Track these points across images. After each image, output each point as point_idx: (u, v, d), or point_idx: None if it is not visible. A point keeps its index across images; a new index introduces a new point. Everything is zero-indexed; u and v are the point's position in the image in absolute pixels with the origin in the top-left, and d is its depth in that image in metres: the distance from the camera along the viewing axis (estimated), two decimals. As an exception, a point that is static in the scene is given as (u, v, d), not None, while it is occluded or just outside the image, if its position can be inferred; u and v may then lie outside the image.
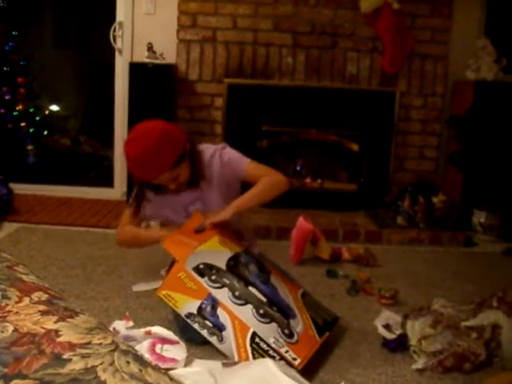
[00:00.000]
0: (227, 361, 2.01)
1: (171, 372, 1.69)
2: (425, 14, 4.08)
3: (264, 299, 2.05)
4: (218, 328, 1.98)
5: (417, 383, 1.97)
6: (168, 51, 3.98)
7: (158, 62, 3.89)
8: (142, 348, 1.96)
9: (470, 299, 2.39)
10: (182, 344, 2.02)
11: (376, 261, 3.20)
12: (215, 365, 1.96)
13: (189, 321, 2.02)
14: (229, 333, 1.96)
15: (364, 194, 4.12)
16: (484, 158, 3.87)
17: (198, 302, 2.01)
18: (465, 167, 3.96)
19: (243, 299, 2.02)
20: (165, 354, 1.96)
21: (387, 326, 2.29)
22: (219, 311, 1.99)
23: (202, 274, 2.05)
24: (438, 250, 3.58)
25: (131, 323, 2.21)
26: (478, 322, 2.13)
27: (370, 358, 2.12)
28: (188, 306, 2.02)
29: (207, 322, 1.99)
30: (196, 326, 2.01)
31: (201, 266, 2.07)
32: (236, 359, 1.93)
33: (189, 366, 1.95)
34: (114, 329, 2.12)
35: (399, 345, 2.17)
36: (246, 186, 2.40)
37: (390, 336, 2.22)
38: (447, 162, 4.18)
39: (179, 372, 1.79)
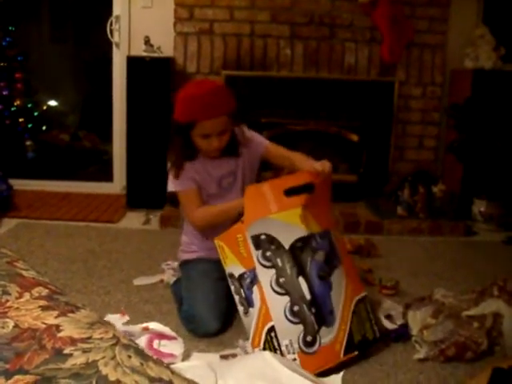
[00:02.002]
0: (224, 353, 2.02)
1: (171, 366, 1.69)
2: (423, 4, 4.06)
3: (308, 297, 1.92)
4: (248, 302, 1.93)
5: (419, 373, 1.97)
6: (165, 44, 3.97)
7: (155, 55, 3.87)
8: (140, 344, 1.96)
9: (471, 288, 2.40)
10: (180, 339, 2.01)
11: (377, 251, 3.20)
12: (213, 358, 1.96)
13: (229, 280, 2.00)
14: (255, 312, 1.91)
15: (364, 185, 4.11)
16: (483, 147, 3.87)
17: (242, 270, 1.95)
18: (464, 156, 3.95)
19: (285, 289, 1.91)
20: (162, 349, 1.95)
21: (389, 317, 2.29)
22: (254, 289, 1.92)
23: (258, 246, 1.94)
24: (438, 239, 3.58)
25: (127, 317, 2.20)
26: (480, 311, 2.13)
27: (371, 348, 2.12)
28: (234, 267, 1.98)
29: (242, 291, 1.95)
30: (232, 288, 1.98)
31: (262, 237, 1.94)
32: (249, 340, 1.92)
33: (187, 360, 1.95)
34: (109, 323, 2.11)
35: (401, 335, 2.17)
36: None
37: (391, 326, 2.22)
38: (447, 151, 4.17)
39: (178, 366, 1.79)
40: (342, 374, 1.89)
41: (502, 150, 3.85)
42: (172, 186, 2.35)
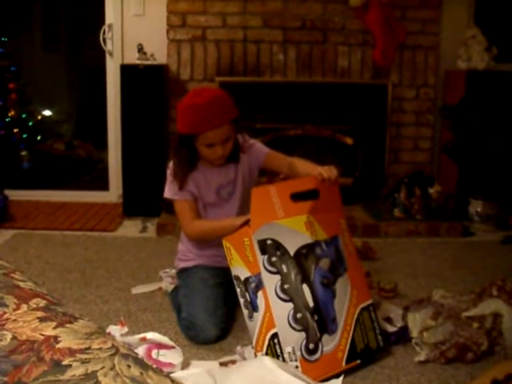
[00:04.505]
0: (224, 360, 2.01)
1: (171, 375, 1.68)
2: (414, 6, 4.07)
3: (311, 304, 1.91)
4: (253, 307, 1.91)
5: (420, 375, 1.96)
6: (159, 52, 3.97)
7: (148, 63, 3.87)
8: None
9: (470, 289, 2.40)
10: (178, 348, 2.00)
11: (374, 254, 3.20)
12: (212, 365, 1.96)
13: (235, 282, 1.98)
14: (259, 317, 1.90)
15: (360, 188, 4.11)
16: (478, 147, 3.87)
17: (248, 273, 1.93)
18: (459, 157, 3.96)
19: (289, 295, 1.89)
20: (161, 359, 1.94)
21: (388, 319, 2.29)
22: (259, 294, 1.90)
23: (263, 251, 1.91)
24: (435, 240, 3.58)
25: (126, 329, 2.19)
26: (479, 312, 2.13)
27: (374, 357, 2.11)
28: (239, 269, 1.96)
29: (247, 295, 1.93)
30: (238, 291, 1.97)
31: (268, 242, 1.92)
32: (253, 343, 1.91)
33: (186, 369, 1.94)
34: (109, 333, 2.10)
35: (401, 337, 2.17)
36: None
37: (391, 329, 2.22)
38: (442, 152, 4.17)
39: (178, 375, 1.78)
40: (341, 378, 1.89)
41: (497, 149, 3.86)
42: (169, 193, 2.35)
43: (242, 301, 1.97)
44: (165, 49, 4.01)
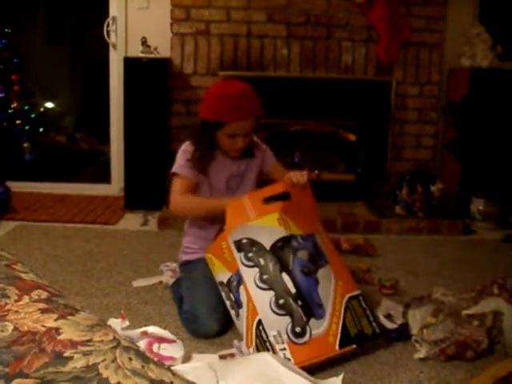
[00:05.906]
0: (223, 353, 2.03)
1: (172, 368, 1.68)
2: (419, 2, 4.06)
3: (293, 290, 1.95)
4: (238, 304, 1.98)
5: (419, 372, 1.96)
6: (162, 45, 3.96)
7: (152, 56, 3.87)
8: (139, 348, 1.94)
9: (471, 287, 2.39)
10: (179, 342, 2.00)
11: (375, 251, 3.20)
12: (213, 359, 1.96)
13: (219, 288, 2.06)
14: (243, 312, 1.96)
15: (362, 184, 4.11)
16: (481, 146, 3.86)
17: (229, 274, 2.02)
18: (462, 155, 3.95)
19: (268, 284, 1.95)
20: (162, 352, 1.94)
21: (388, 316, 2.28)
22: (241, 289, 1.97)
23: (240, 249, 2.01)
24: (437, 238, 3.58)
25: (127, 322, 2.18)
26: (480, 310, 2.13)
27: (371, 347, 2.12)
28: (221, 274, 2.04)
29: (231, 295, 2.00)
30: (223, 294, 2.04)
31: (243, 241, 2.02)
32: (244, 339, 1.95)
33: (187, 362, 1.94)
34: (110, 326, 2.09)
35: (401, 334, 2.17)
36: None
37: (391, 326, 2.22)
38: (444, 150, 4.17)
39: (180, 368, 1.78)
40: (342, 376, 1.88)
41: (500, 148, 3.85)
42: (176, 167, 2.32)
43: (228, 303, 2.04)
44: (168, 42, 4.00)
